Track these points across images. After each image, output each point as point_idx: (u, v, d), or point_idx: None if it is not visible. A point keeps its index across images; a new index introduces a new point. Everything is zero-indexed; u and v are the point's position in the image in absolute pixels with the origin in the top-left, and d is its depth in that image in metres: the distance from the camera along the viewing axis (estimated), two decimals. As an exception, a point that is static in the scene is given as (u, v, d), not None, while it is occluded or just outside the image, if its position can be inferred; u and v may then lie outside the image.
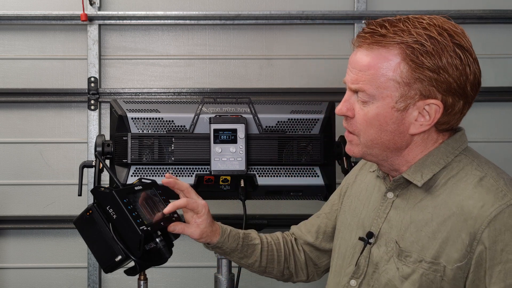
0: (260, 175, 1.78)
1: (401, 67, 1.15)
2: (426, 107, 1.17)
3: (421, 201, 1.22)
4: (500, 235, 1.10)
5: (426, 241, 1.18)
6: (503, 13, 2.56)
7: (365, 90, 1.19)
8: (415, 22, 1.17)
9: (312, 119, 1.82)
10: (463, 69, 1.16)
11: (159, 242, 1.51)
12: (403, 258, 1.21)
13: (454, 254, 1.14)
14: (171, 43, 2.61)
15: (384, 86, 1.17)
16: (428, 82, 1.15)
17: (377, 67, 1.17)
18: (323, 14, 2.53)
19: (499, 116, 2.61)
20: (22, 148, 2.59)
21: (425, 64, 1.14)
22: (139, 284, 1.76)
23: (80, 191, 1.80)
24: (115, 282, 2.61)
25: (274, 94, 2.56)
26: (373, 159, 1.28)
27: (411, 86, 1.16)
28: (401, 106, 1.17)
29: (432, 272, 1.16)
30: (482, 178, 1.17)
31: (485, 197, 1.14)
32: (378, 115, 1.19)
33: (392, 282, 1.22)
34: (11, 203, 2.59)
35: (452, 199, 1.17)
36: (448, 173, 1.21)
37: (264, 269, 1.54)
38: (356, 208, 1.39)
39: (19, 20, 2.55)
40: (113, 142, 1.79)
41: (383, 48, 1.17)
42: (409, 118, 1.19)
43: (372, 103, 1.19)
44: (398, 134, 1.20)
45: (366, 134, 1.23)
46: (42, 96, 2.56)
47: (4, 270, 2.60)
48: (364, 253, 1.30)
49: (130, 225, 1.43)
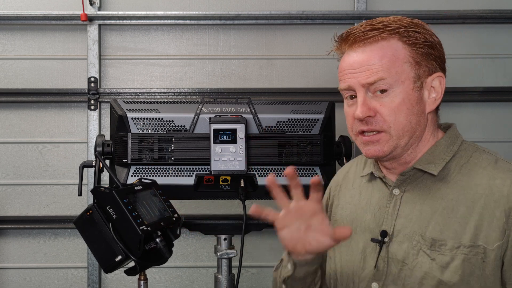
0: (260, 175, 1.78)
1: (407, 49, 1.24)
2: (432, 83, 1.26)
3: (438, 191, 1.25)
4: None
5: (457, 226, 1.20)
6: (503, 13, 2.56)
7: (386, 77, 1.22)
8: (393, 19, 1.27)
9: (312, 119, 1.82)
10: (441, 46, 1.28)
11: (159, 242, 1.51)
12: (437, 247, 1.21)
13: (492, 234, 1.18)
14: (171, 43, 2.61)
15: (401, 70, 1.23)
16: (431, 57, 1.25)
17: (388, 55, 1.23)
18: (323, 14, 2.53)
19: (499, 116, 2.61)
20: (22, 148, 2.59)
21: (424, 41, 1.24)
22: (139, 284, 1.76)
23: (80, 191, 1.80)
24: (115, 282, 2.61)
25: (274, 94, 2.56)
26: (398, 152, 1.27)
27: (420, 64, 1.24)
28: (418, 84, 1.24)
29: (473, 255, 1.18)
30: (496, 160, 1.25)
31: (510, 175, 1.21)
32: (404, 99, 1.23)
33: (431, 273, 1.21)
34: (11, 203, 2.58)
35: (475, 182, 1.22)
36: (459, 161, 1.26)
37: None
38: (355, 214, 1.38)
39: (19, 20, 2.55)
40: (113, 142, 1.79)
41: (382, 40, 1.24)
42: (424, 96, 1.26)
43: (392, 91, 1.23)
44: (421, 114, 1.26)
45: (396, 124, 1.24)
46: (42, 96, 2.56)
47: (4, 270, 2.60)
48: (381, 254, 1.28)
49: (130, 225, 1.43)
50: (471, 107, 2.59)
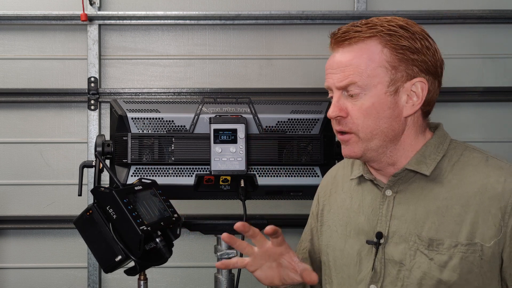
0: (260, 175, 1.78)
1: (385, 52, 1.23)
2: (413, 88, 1.24)
3: (431, 191, 1.25)
4: None
5: (453, 225, 1.21)
6: (502, 13, 2.56)
7: (357, 81, 1.24)
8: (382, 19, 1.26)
9: (312, 119, 1.82)
10: (433, 51, 1.25)
11: (159, 242, 1.51)
12: (435, 247, 1.22)
13: (489, 231, 1.18)
14: (171, 43, 2.61)
15: (374, 74, 1.23)
16: (411, 62, 1.23)
17: (363, 58, 1.23)
18: (323, 14, 2.53)
19: (499, 116, 2.61)
20: (22, 148, 2.59)
21: (405, 45, 1.22)
22: (139, 284, 1.75)
23: (80, 191, 1.80)
24: (115, 282, 2.61)
25: (274, 94, 2.56)
26: (372, 154, 1.28)
27: (397, 69, 1.23)
28: (392, 89, 1.23)
29: (471, 253, 1.19)
30: (486, 158, 1.25)
31: (502, 173, 1.21)
32: (374, 103, 1.24)
33: (429, 273, 1.21)
34: (11, 203, 2.59)
35: (468, 180, 1.23)
36: (450, 160, 1.27)
37: None
38: (347, 217, 1.38)
39: (19, 20, 2.56)
40: (113, 142, 1.79)
41: (361, 42, 1.24)
42: (401, 101, 1.25)
43: (364, 94, 1.24)
44: (394, 118, 1.25)
45: (364, 127, 1.26)
46: (42, 96, 2.56)
47: (4, 270, 2.60)
48: (378, 256, 1.28)
49: (130, 225, 1.43)
50: (471, 107, 2.59)
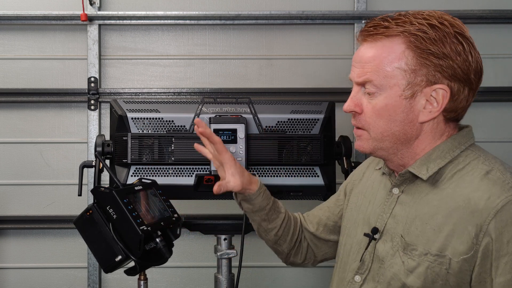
0: (260, 175, 1.78)
1: (406, 54, 1.18)
2: (433, 93, 1.19)
3: (427, 195, 1.23)
4: (507, 226, 1.11)
5: (431, 234, 1.19)
6: (503, 13, 2.56)
7: (373, 80, 1.21)
8: (416, 15, 1.22)
9: (312, 119, 1.82)
10: (466, 56, 1.19)
11: (159, 242, 1.51)
12: (409, 251, 1.22)
13: (460, 247, 1.15)
14: (171, 43, 2.61)
15: (391, 75, 1.19)
16: (433, 67, 1.17)
17: (383, 57, 1.20)
18: (323, 14, 2.53)
19: (499, 116, 2.61)
20: (22, 148, 2.59)
21: (430, 49, 1.17)
22: (139, 284, 1.76)
23: (80, 191, 1.80)
24: (115, 282, 2.61)
25: (274, 94, 2.56)
26: (383, 153, 1.28)
27: (417, 73, 1.18)
28: (409, 93, 1.19)
29: (438, 264, 1.17)
30: (489, 171, 1.18)
31: (491, 189, 1.14)
32: (387, 105, 1.21)
33: (398, 276, 1.23)
34: (11, 203, 2.59)
35: (458, 192, 1.18)
36: (455, 167, 1.22)
37: (277, 240, 1.55)
38: (362, 205, 1.40)
39: (19, 20, 2.56)
40: (113, 142, 1.79)
41: (386, 38, 1.20)
42: (417, 106, 1.20)
43: (379, 94, 1.21)
44: (408, 123, 1.22)
45: (376, 127, 1.24)
46: (42, 96, 2.56)
47: (4, 270, 2.60)
48: (369, 249, 1.31)
49: (130, 225, 1.43)
50: (471, 107, 2.57)
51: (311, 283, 2.62)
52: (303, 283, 2.62)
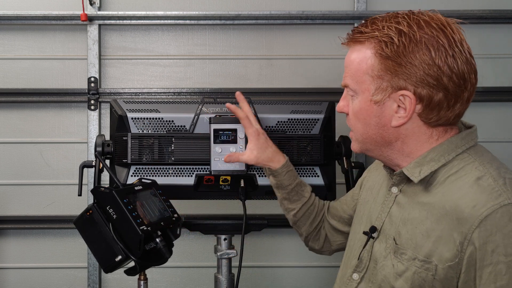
0: (260, 175, 1.78)
1: (373, 60, 1.21)
2: (401, 99, 1.20)
3: (419, 199, 1.23)
4: (491, 236, 1.09)
5: (420, 239, 1.19)
6: (502, 13, 2.56)
7: (349, 84, 1.26)
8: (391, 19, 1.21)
9: (312, 119, 1.82)
10: (433, 61, 1.17)
11: (159, 242, 1.52)
12: (399, 255, 1.22)
13: (446, 254, 1.14)
14: (171, 43, 2.61)
15: (362, 80, 1.23)
16: (397, 74, 1.18)
17: (356, 62, 1.24)
18: (323, 14, 2.53)
19: (499, 116, 2.61)
20: (22, 148, 2.59)
21: (393, 56, 1.17)
22: (139, 284, 1.75)
23: (80, 191, 1.81)
24: (115, 282, 2.61)
25: (274, 94, 2.56)
26: (372, 154, 1.31)
27: (383, 79, 1.20)
28: (377, 98, 1.21)
29: (424, 270, 1.17)
30: (480, 177, 1.15)
31: (478, 197, 1.12)
32: (361, 109, 1.25)
33: (387, 278, 1.23)
34: (11, 203, 2.59)
35: (447, 198, 1.17)
36: (448, 171, 1.20)
37: (296, 221, 1.67)
38: (368, 201, 1.42)
39: (19, 20, 2.56)
40: (113, 142, 1.79)
41: (360, 44, 1.24)
42: (388, 110, 1.22)
43: (356, 97, 1.26)
44: (381, 127, 1.24)
45: (356, 129, 1.29)
46: (42, 96, 2.56)
47: (4, 270, 2.60)
48: (367, 247, 1.31)
49: (130, 225, 1.43)
50: (471, 107, 2.56)
51: (311, 283, 2.62)
52: (303, 283, 2.62)
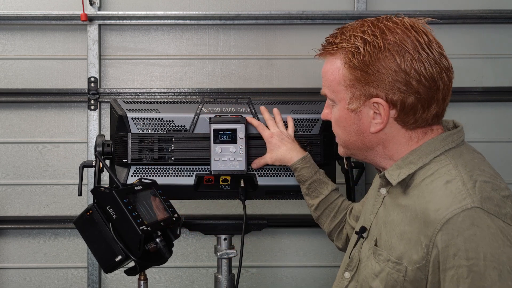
0: (260, 175, 1.78)
1: (343, 71, 1.24)
2: (375, 105, 1.22)
3: (398, 201, 1.24)
4: (453, 239, 1.09)
5: (394, 241, 1.21)
6: (502, 13, 2.56)
7: (326, 94, 1.31)
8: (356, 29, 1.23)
9: (312, 119, 1.82)
10: (399, 67, 1.18)
11: (159, 242, 1.52)
12: (377, 256, 1.25)
13: (414, 256, 1.15)
14: (171, 43, 2.61)
15: (337, 90, 1.27)
16: (367, 83, 1.21)
17: (329, 72, 1.27)
18: (323, 14, 2.53)
19: (499, 116, 2.61)
20: (22, 148, 2.59)
21: (361, 66, 1.20)
22: (139, 284, 1.75)
23: (80, 191, 1.80)
24: (115, 282, 2.61)
25: (274, 94, 2.56)
26: (358, 158, 1.35)
27: (355, 88, 1.23)
28: (353, 107, 1.25)
29: (396, 271, 1.19)
30: (450, 180, 1.15)
31: (443, 200, 1.13)
32: (340, 117, 1.29)
33: (367, 278, 1.26)
34: (11, 203, 2.59)
35: (420, 200, 1.18)
36: (424, 174, 1.21)
37: (317, 217, 1.72)
38: (367, 201, 1.46)
39: (19, 20, 2.55)
40: (113, 142, 1.79)
41: (331, 55, 1.28)
42: (365, 117, 1.25)
43: (334, 106, 1.30)
44: (361, 134, 1.27)
45: (338, 135, 1.35)
46: (42, 96, 2.56)
47: (4, 270, 2.60)
48: (357, 247, 1.34)
49: (130, 225, 1.43)
50: (471, 107, 2.59)
51: (311, 283, 2.62)
52: (303, 283, 2.62)
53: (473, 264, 1.07)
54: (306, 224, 1.82)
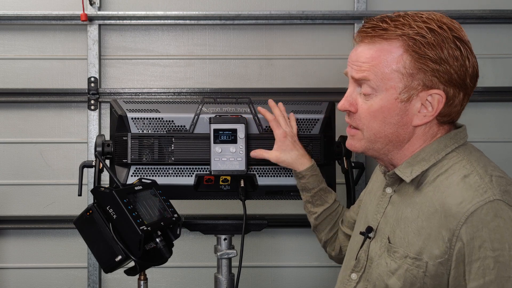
0: (260, 175, 1.78)
1: (404, 58, 1.18)
2: (428, 98, 1.20)
3: (411, 198, 1.24)
4: (478, 231, 1.10)
5: (411, 237, 1.20)
6: (503, 13, 2.56)
7: (370, 79, 1.21)
8: (415, 17, 1.22)
9: (312, 119, 1.82)
10: (463, 61, 1.19)
11: (159, 242, 1.52)
12: (392, 253, 1.24)
13: (435, 251, 1.16)
14: (171, 43, 2.61)
15: (389, 77, 1.20)
16: (430, 72, 1.18)
17: (381, 59, 1.20)
18: (323, 14, 2.53)
19: (499, 116, 2.61)
20: (22, 148, 2.59)
21: (428, 54, 1.17)
22: (139, 284, 1.75)
23: (80, 191, 1.81)
24: (115, 282, 2.61)
25: (274, 94, 2.55)
26: (374, 153, 1.30)
27: (414, 77, 1.18)
28: (405, 97, 1.20)
29: (415, 267, 1.18)
30: (467, 175, 1.17)
31: (464, 194, 1.14)
32: (383, 107, 1.22)
33: (381, 276, 1.24)
34: (11, 203, 2.59)
35: (436, 196, 1.18)
36: (438, 171, 1.22)
37: (316, 225, 1.71)
38: (366, 203, 1.44)
39: (19, 20, 2.55)
40: (113, 142, 1.79)
41: (385, 41, 1.21)
42: (412, 109, 1.21)
43: (375, 95, 1.22)
44: (401, 126, 1.22)
45: (369, 128, 1.25)
46: (42, 96, 2.56)
47: (4, 270, 2.60)
48: (364, 247, 1.32)
49: (130, 225, 1.44)
50: (471, 107, 2.57)
51: (311, 283, 2.62)
52: (303, 283, 2.62)
53: (499, 255, 1.09)
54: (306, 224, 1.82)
